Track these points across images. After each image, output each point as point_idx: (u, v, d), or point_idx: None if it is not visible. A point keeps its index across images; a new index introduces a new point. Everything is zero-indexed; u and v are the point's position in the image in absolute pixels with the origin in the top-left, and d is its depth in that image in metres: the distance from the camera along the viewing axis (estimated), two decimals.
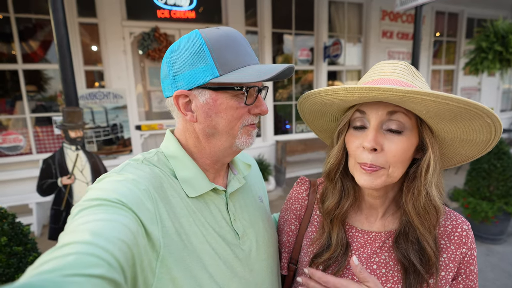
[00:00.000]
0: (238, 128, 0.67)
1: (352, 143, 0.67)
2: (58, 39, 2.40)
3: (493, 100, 8.33)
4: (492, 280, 2.86)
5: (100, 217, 0.46)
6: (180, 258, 0.58)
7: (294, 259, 0.84)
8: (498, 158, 3.39)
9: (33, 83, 4.39)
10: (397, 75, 0.65)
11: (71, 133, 2.50)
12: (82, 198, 0.53)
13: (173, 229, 0.59)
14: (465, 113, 0.57)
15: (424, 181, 0.64)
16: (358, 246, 0.74)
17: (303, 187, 0.88)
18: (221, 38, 0.63)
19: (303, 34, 5.95)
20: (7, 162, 4.19)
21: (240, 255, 0.69)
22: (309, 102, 0.74)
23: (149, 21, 4.66)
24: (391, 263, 0.70)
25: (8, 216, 1.70)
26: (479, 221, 3.47)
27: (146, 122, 4.91)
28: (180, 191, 0.65)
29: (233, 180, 0.77)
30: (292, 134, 6.15)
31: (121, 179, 0.57)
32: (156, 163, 0.67)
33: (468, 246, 0.68)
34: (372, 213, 0.76)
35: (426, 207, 0.64)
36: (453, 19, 7.41)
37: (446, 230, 0.70)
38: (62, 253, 0.38)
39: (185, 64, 0.63)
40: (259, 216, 0.81)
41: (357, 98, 0.62)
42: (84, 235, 0.42)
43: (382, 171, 0.63)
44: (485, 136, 0.61)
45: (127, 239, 0.46)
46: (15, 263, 1.60)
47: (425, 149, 0.65)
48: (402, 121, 0.63)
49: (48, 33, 4.29)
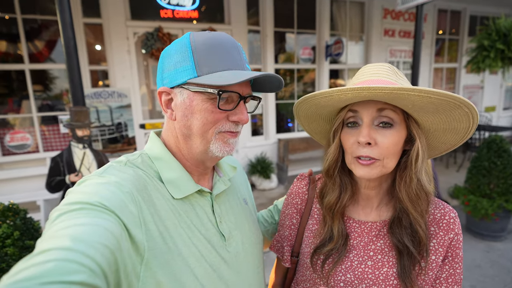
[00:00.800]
0: (213, 133, 0.65)
1: (347, 140, 0.73)
2: (65, 40, 2.46)
3: (496, 98, 8.31)
4: (491, 277, 2.90)
5: (81, 222, 0.44)
6: (165, 262, 0.57)
7: (296, 252, 0.88)
8: (498, 156, 3.41)
9: (39, 83, 4.46)
10: (383, 76, 0.71)
11: (78, 132, 2.56)
12: (61, 202, 0.50)
13: (157, 232, 0.58)
14: (446, 105, 0.63)
15: (415, 169, 0.70)
16: (356, 236, 0.79)
17: (303, 182, 0.93)
18: (207, 40, 0.64)
19: (305, 32, 5.98)
20: (15, 160, 4.28)
21: (226, 257, 0.69)
22: (305, 106, 0.79)
23: (152, 21, 4.72)
24: (386, 249, 0.76)
25: (20, 211, 1.77)
26: (479, 218, 3.51)
27: (150, 121, 4.98)
28: (165, 193, 0.64)
29: (219, 182, 0.77)
30: (294, 132, 6.19)
31: (103, 182, 0.55)
32: (140, 165, 0.66)
33: (455, 232, 0.74)
34: (367, 204, 0.81)
35: (418, 192, 0.71)
36: (455, 17, 7.40)
37: (435, 218, 0.76)
38: (40, 260, 0.36)
39: (172, 63, 0.65)
40: (245, 218, 0.81)
41: (350, 98, 0.68)
42: (64, 240, 0.40)
43: (377, 163, 0.69)
44: (465, 124, 0.67)
45: (110, 244, 0.44)
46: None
47: (413, 140, 0.72)
48: (391, 116, 0.69)
49: (53, 33, 4.36)
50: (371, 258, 0.76)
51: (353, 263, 0.76)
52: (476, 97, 8.02)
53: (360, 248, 0.78)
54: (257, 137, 5.89)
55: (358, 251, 0.77)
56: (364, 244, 0.78)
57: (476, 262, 3.13)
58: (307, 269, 0.83)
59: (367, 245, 0.77)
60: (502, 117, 8.48)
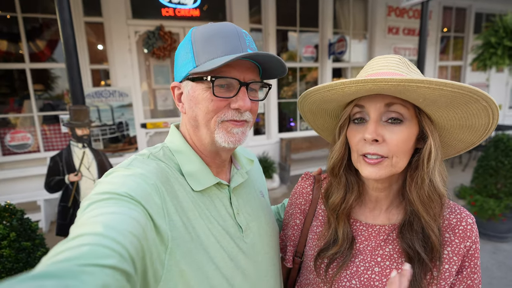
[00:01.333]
0: (216, 122, 0.65)
1: (354, 137, 0.68)
2: (65, 38, 2.43)
3: (502, 96, 8.19)
4: (498, 278, 2.84)
5: (111, 210, 0.47)
6: (188, 251, 0.59)
7: (299, 252, 0.85)
8: (505, 155, 3.34)
9: (41, 82, 4.46)
10: (393, 68, 0.66)
11: (77, 131, 2.53)
12: (91, 192, 0.53)
13: (180, 222, 0.60)
14: (460, 98, 0.57)
15: (427, 169, 0.65)
16: (362, 239, 0.75)
17: (308, 182, 0.89)
18: (206, 30, 0.65)
19: (307, 31, 5.92)
20: (15, 160, 4.27)
21: (244, 248, 0.70)
22: (309, 101, 0.75)
23: (154, 19, 4.69)
24: (395, 255, 0.70)
25: (17, 212, 1.73)
26: (486, 219, 3.44)
27: (152, 120, 4.95)
28: (185, 185, 0.66)
29: (236, 175, 0.78)
30: (296, 132, 6.14)
31: (130, 174, 0.58)
32: (162, 158, 0.68)
33: (472, 240, 0.68)
34: (376, 206, 0.76)
35: (430, 195, 0.65)
36: (461, 14, 7.30)
37: (450, 224, 0.70)
38: (75, 244, 0.39)
39: (179, 57, 0.68)
40: (261, 210, 0.82)
41: (354, 92, 0.63)
42: (96, 227, 0.42)
43: (386, 162, 0.64)
44: (483, 119, 0.62)
45: (137, 232, 0.46)
46: (23, 258, 1.63)
47: (426, 138, 0.66)
48: (401, 111, 0.64)
49: (54, 32, 4.34)
50: (379, 264, 0.71)
51: (359, 269, 0.71)
52: None
53: (367, 253, 0.73)
54: (259, 136, 5.85)
55: (364, 256, 0.73)
56: (371, 248, 0.73)
57: (483, 264, 3.07)
58: (311, 272, 0.79)
59: (375, 250, 0.72)
60: (508, 116, 8.35)
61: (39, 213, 3.92)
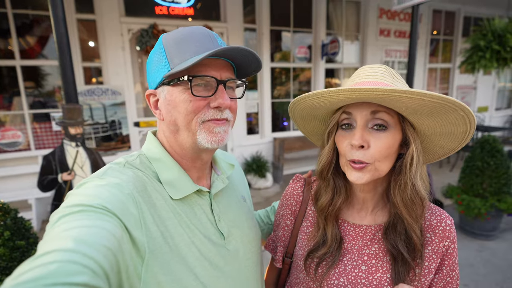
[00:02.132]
0: (197, 123, 0.64)
1: (341, 142, 0.72)
2: (58, 36, 2.41)
3: (489, 98, 8.41)
4: (484, 275, 2.94)
5: (83, 224, 0.45)
6: (166, 262, 0.57)
7: (290, 253, 0.88)
8: (491, 156, 3.45)
9: (31, 79, 4.38)
10: (378, 77, 0.70)
11: (71, 129, 2.52)
12: (62, 205, 0.50)
13: (158, 232, 0.58)
14: (440, 108, 0.61)
15: (409, 173, 0.69)
16: (350, 239, 0.78)
17: (298, 184, 0.92)
18: (177, 33, 0.65)
19: (301, 31, 5.96)
20: (6, 158, 4.19)
21: (226, 255, 0.69)
22: (299, 107, 0.78)
23: (147, 17, 4.66)
24: (381, 254, 0.75)
25: (11, 211, 1.72)
26: (472, 217, 3.55)
27: (145, 119, 4.92)
28: (164, 194, 0.64)
29: (217, 180, 0.77)
30: (289, 131, 6.19)
31: (104, 184, 0.55)
32: (139, 166, 0.66)
33: (451, 240, 0.73)
34: (363, 207, 0.80)
35: (413, 198, 0.70)
36: (450, 17, 7.46)
37: (431, 224, 0.75)
38: (43, 261, 0.37)
39: (152, 64, 0.67)
40: (243, 216, 0.82)
41: (342, 99, 0.67)
42: (66, 242, 0.40)
43: (369, 167, 0.68)
44: (462, 127, 0.66)
45: (112, 246, 0.45)
46: (18, 257, 1.63)
47: (408, 144, 0.70)
48: (385, 119, 0.68)
49: (45, 29, 4.27)
50: (365, 263, 0.75)
51: (346, 267, 0.75)
52: (469, 97, 8.11)
53: (354, 252, 0.77)
54: (252, 135, 5.87)
55: (352, 255, 0.76)
56: (358, 248, 0.77)
57: (469, 261, 3.17)
58: (301, 271, 0.82)
59: (362, 249, 0.76)
60: (495, 117, 8.59)
61: (30, 212, 3.86)
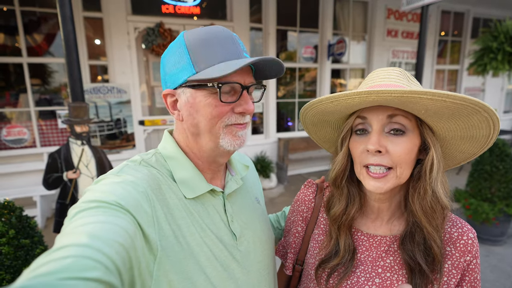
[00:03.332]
0: (220, 127, 0.65)
1: (356, 148, 0.69)
2: (65, 34, 2.41)
3: (497, 101, 8.30)
4: (491, 281, 2.88)
5: (98, 219, 0.46)
6: (177, 261, 0.58)
7: (300, 260, 0.85)
8: (500, 160, 3.39)
9: (37, 76, 4.40)
10: (393, 80, 0.67)
11: (76, 128, 2.51)
12: (79, 200, 0.52)
13: (170, 231, 0.59)
14: (463, 109, 0.58)
15: (429, 180, 0.65)
16: (363, 250, 0.75)
17: (310, 189, 0.89)
18: (200, 35, 0.64)
19: (307, 31, 5.93)
20: (11, 155, 4.22)
21: (237, 257, 0.69)
22: (311, 112, 0.75)
23: (153, 16, 4.66)
24: (396, 267, 0.71)
25: (16, 209, 1.72)
26: (480, 222, 3.49)
27: (150, 118, 4.92)
28: (178, 193, 0.65)
29: (231, 181, 0.77)
30: (294, 132, 6.16)
31: (119, 181, 0.56)
32: (154, 164, 0.67)
33: (473, 254, 0.69)
34: (378, 217, 0.77)
35: (433, 206, 0.66)
36: (458, 18, 7.37)
37: (452, 237, 0.71)
38: (58, 255, 0.38)
39: (171, 63, 0.66)
40: (256, 217, 0.81)
41: (358, 103, 0.63)
42: (82, 237, 0.41)
43: (391, 173, 0.65)
44: (485, 131, 0.62)
45: (125, 242, 0.45)
46: (22, 255, 1.63)
47: (428, 149, 0.67)
48: (403, 123, 0.64)
49: (52, 27, 4.29)
50: (379, 276, 0.71)
51: (359, 280, 0.72)
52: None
53: (368, 263, 0.73)
54: (257, 135, 5.85)
55: (365, 266, 0.73)
56: (372, 259, 0.73)
57: None
58: (311, 281, 0.79)
59: (376, 260, 0.73)
60: (503, 120, 8.47)
61: (35, 209, 3.88)
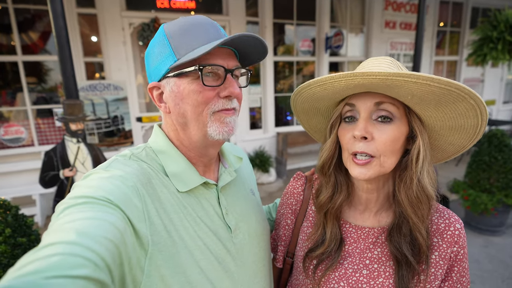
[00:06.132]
0: (207, 114, 0.63)
1: (344, 136, 0.69)
2: (57, 30, 2.38)
3: (496, 91, 8.26)
4: (490, 271, 2.90)
5: (86, 216, 0.45)
6: (170, 255, 0.57)
7: (291, 252, 0.85)
8: (499, 151, 3.38)
9: (33, 75, 4.38)
10: (383, 68, 0.67)
11: (72, 125, 2.50)
12: (67, 196, 0.51)
13: (162, 226, 0.58)
14: (448, 95, 0.58)
15: (415, 169, 0.65)
16: (351, 241, 0.75)
17: (299, 182, 0.89)
18: (180, 24, 0.63)
19: (304, 24, 5.87)
20: (9, 154, 4.22)
21: (232, 249, 0.69)
22: (301, 98, 0.75)
23: (148, 11, 4.61)
24: (383, 258, 0.71)
25: (12, 208, 1.72)
26: (479, 213, 3.49)
27: (147, 114, 4.91)
28: (170, 187, 0.64)
29: (224, 173, 0.76)
30: (293, 126, 6.14)
31: (108, 176, 0.55)
32: (144, 159, 0.66)
33: (460, 245, 0.69)
34: (366, 209, 0.77)
35: (419, 195, 0.66)
36: (457, 8, 7.29)
37: (439, 228, 0.71)
38: (45, 254, 0.37)
39: (154, 56, 0.65)
40: (251, 209, 0.80)
41: (344, 87, 0.63)
42: (69, 234, 0.40)
43: (374, 161, 0.65)
44: (472, 120, 0.62)
45: (114, 238, 0.45)
46: (19, 254, 1.63)
47: (415, 138, 0.67)
48: (390, 110, 0.64)
49: (47, 24, 4.25)
50: (367, 267, 0.71)
51: (347, 271, 0.72)
52: (476, 90, 7.96)
53: (356, 255, 0.73)
54: (255, 130, 5.84)
55: (353, 258, 0.73)
56: (360, 251, 0.73)
57: (474, 257, 3.13)
58: (300, 273, 0.79)
59: (363, 252, 0.73)
60: (502, 111, 8.44)
61: (35, 207, 3.89)
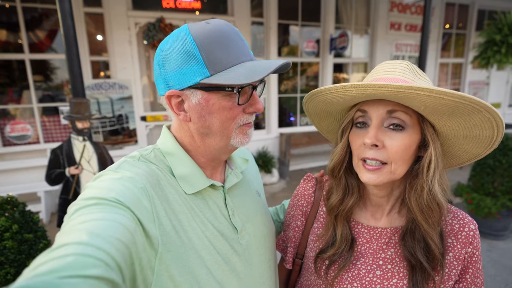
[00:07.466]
0: (233, 128, 0.65)
1: (355, 141, 0.69)
2: (65, 29, 2.41)
3: (502, 94, 8.19)
4: (493, 276, 2.88)
5: (97, 217, 0.46)
6: (178, 255, 0.58)
7: (300, 254, 0.86)
8: (503, 154, 3.36)
9: (40, 73, 4.42)
10: (398, 74, 0.66)
11: (78, 124, 2.53)
12: (78, 197, 0.52)
13: (170, 226, 0.59)
14: (462, 108, 0.57)
15: (426, 177, 0.65)
16: (363, 242, 0.75)
17: (310, 184, 0.89)
18: (211, 34, 0.60)
19: (309, 25, 5.87)
20: (15, 151, 4.26)
21: (239, 250, 0.70)
22: (313, 103, 0.76)
23: (154, 11, 4.64)
24: (397, 259, 0.71)
25: (19, 204, 1.74)
26: (482, 217, 3.47)
27: (151, 113, 4.93)
28: (177, 188, 0.65)
29: (231, 175, 0.77)
30: (296, 127, 6.14)
31: (118, 177, 0.56)
32: (153, 160, 0.66)
33: (474, 246, 0.69)
34: (377, 210, 0.77)
35: (429, 204, 0.65)
36: (463, 11, 7.24)
37: (453, 229, 0.71)
38: (59, 254, 0.38)
39: (175, 63, 0.61)
40: (257, 210, 0.81)
41: (356, 96, 0.63)
42: (81, 235, 0.42)
43: (385, 168, 0.65)
44: (488, 131, 0.61)
45: (125, 239, 0.46)
46: (26, 249, 1.65)
47: (427, 146, 0.66)
48: (403, 118, 0.64)
49: (54, 23, 4.29)
50: (380, 268, 0.71)
51: (360, 272, 0.72)
52: (481, 93, 7.91)
53: (369, 255, 0.73)
54: (259, 131, 5.84)
55: (366, 258, 0.73)
56: (372, 251, 0.74)
57: None
58: (312, 274, 0.80)
59: (376, 252, 0.73)
60: (508, 114, 8.36)
61: (40, 204, 3.93)
